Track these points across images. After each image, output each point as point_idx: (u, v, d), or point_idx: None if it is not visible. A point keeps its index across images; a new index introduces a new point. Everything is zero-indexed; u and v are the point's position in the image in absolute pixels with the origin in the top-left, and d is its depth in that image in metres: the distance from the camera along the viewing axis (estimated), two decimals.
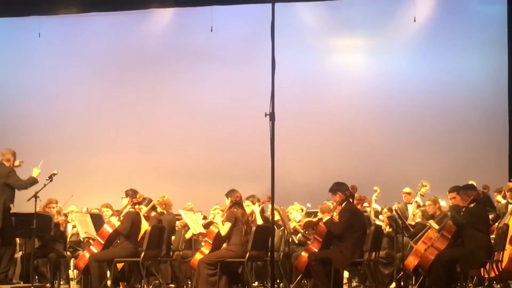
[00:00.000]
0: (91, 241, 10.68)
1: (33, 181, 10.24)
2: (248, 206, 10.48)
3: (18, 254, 11.46)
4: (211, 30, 17.09)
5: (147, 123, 17.57)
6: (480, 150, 15.87)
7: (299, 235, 11.62)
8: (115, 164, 17.21)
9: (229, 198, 9.80)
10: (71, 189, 13.68)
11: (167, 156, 17.20)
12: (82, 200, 14.63)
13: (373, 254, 9.78)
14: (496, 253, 9.53)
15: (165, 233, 10.62)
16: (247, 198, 10.67)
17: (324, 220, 9.45)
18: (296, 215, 12.19)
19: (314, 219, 10.39)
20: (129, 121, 17.60)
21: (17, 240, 11.87)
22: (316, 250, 9.54)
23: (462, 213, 9.20)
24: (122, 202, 10.34)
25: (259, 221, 10.28)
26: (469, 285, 10.39)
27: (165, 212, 11.37)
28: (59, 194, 12.42)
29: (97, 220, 11.47)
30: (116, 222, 10.16)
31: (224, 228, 9.61)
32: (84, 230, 10.82)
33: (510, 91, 15.80)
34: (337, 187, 9.49)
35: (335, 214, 9.47)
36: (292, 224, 11.61)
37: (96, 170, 17.14)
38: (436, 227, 9.72)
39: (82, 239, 11.46)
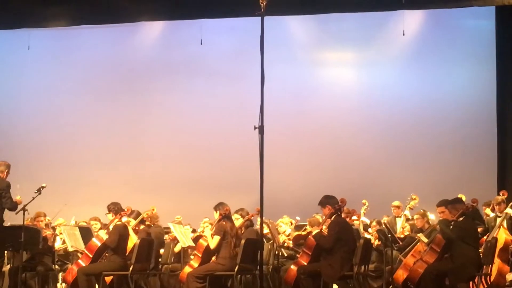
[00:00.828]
0: (79, 254, 10.63)
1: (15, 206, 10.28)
2: (237, 220, 10.47)
3: (6, 267, 11.40)
4: (201, 43, 17.09)
5: (137, 135, 17.53)
6: (469, 163, 15.91)
7: (285, 242, 11.59)
8: (104, 176, 17.14)
9: (218, 212, 9.79)
10: (60, 201, 13.64)
11: (157, 169, 17.17)
12: (71, 213, 14.56)
13: (362, 267, 9.78)
14: (484, 266, 9.55)
15: (154, 246, 10.58)
16: (236, 212, 10.65)
17: (314, 233, 9.45)
18: (285, 228, 12.18)
19: (303, 233, 10.40)
20: (118, 134, 17.55)
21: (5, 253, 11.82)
22: (305, 263, 9.53)
23: (451, 227, 9.21)
24: (108, 218, 10.30)
25: None
26: None
27: (152, 225, 11.33)
28: (48, 206, 12.37)
29: (86, 233, 11.44)
30: (104, 235, 10.13)
31: (213, 242, 9.60)
32: (72, 243, 10.77)
33: (499, 104, 15.85)
34: (327, 200, 9.50)
35: (324, 227, 9.47)
36: (282, 238, 11.59)
37: (85, 183, 17.07)
38: (425, 240, 9.73)
39: (70, 252, 11.42)
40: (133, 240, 10.23)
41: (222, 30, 17.36)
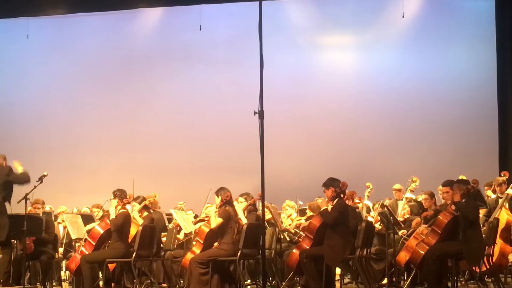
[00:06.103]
0: (82, 242, 10.64)
1: (27, 175, 10.14)
2: (241, 203, 10.45)
3: None
4: (200, 29, 17.07)
5: (137, 122, 17.53)
6: (470, 145, 15.92)
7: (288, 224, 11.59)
8: (104, 163, 17.18)
9: (219, 197, 9.75)
10: (60, 189, 13.63)
11: (157, 156, 17.18)
12: (71, 201, 14.59)
13: (365, 250, 9.79)
14: (487, 247, 9.56)
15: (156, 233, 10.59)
16: (241, 195, 10.64)
17: (322, 209, 9.45)
18: (291, 212, 12.19)
19: (303, 218, 10.42)
20: (118, 121, 17.56)
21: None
22: (308, 247, 9.55)
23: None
24: (111, 203, 10.27)
25: (244, 220, 10.15)
26: (461, 279, 10.41)
27: (152, 211, 11.33)
28: (48, 194, 12.39)
29: (88, 221, 11.46)
30: (106, 223, 10.12)
31: (216, 221, 9.52)
32: (75, 231, 10.78)
33: (499, 85, 15.85)
34: (331, 182, 9.52)
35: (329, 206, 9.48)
36: (287, 222, 11.61)
37: (86, 170, 17.10)
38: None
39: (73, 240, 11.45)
40: (137, 225, 10.24)
41: (221, 16, 17.35)
